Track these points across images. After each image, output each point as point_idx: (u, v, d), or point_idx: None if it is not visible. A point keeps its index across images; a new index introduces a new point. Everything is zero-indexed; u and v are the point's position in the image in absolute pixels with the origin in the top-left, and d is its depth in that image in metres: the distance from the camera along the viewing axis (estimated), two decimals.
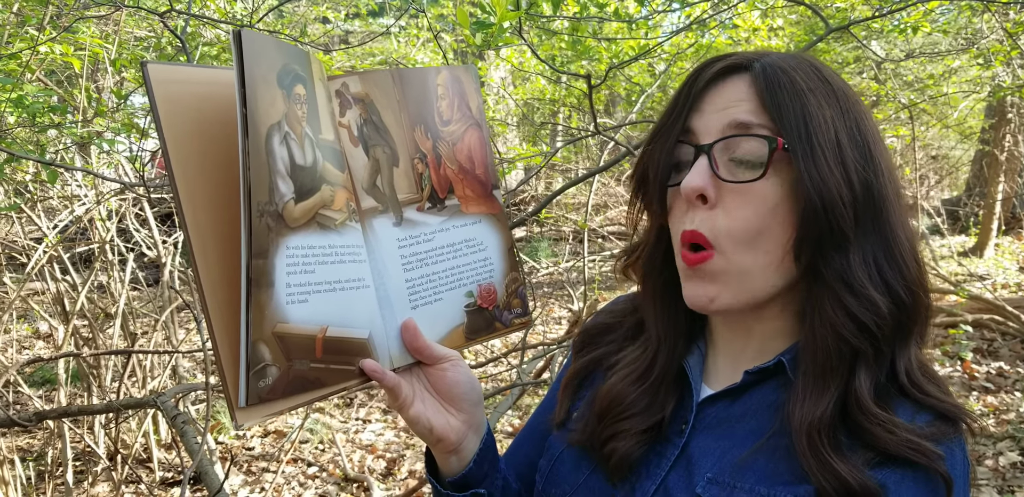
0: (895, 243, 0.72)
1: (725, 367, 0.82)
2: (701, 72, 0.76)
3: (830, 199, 0.69)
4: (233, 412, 0.67)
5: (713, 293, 0.74)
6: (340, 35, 8.05)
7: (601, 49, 4.05)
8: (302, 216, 0.71)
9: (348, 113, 0.81)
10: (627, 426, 0.80)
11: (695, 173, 0.72)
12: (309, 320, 0.70)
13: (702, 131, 0.74)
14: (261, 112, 0.67)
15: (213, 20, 2.98)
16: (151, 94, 0.67)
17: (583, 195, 8.41)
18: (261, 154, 0.66)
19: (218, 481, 1.81)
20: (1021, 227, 8.78)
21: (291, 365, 0.69)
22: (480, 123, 0.90)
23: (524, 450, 0.97)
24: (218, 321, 0.67)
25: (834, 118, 0.72)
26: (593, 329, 0.96)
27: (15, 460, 3.32)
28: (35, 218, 3.47)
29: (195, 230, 0.68)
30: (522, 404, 4.45)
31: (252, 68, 0.66)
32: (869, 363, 0.71)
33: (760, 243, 0.72)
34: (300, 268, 0.70)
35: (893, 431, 0.68)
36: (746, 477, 0.72)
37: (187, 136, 0.69)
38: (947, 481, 0.68)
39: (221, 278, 0.68)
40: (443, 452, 0.83)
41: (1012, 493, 3.33)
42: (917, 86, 6.12)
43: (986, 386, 4.50)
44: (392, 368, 0.80)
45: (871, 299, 0.70)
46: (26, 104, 2.38)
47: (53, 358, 2.52)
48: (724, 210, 0.72)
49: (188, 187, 0.68)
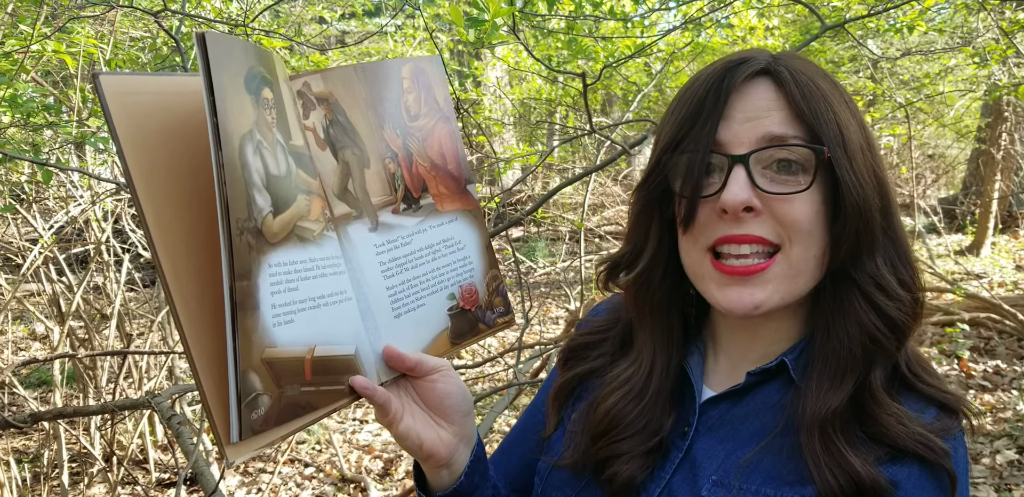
0: (902, 243, 0.75)
1: (726, 369, 0.82)
2: (725, 78, 0.72)
3: (867, 205, 0.71)
4: (223, 449, 0.61)
5: (761, 298, 0.72)
6: (336, 35, 8.04)
7: (597, 48, 4.05)
8: (281, 230, 0.65)
9: (312, 114, 0.75)
10: (626, 448, 0.78)
11: (737, 186, 0.70)
12: (296, 341, 0.66)
13: (733, 141, 0.72)
14: (232, 121, 0.61)
15: (208, 20, 2.97)
16: (105, 107, 0.61)
17: (580, 195, 8.40)
18: (236, 167, 0.60)
19: (214, 482, 1.80)
20: (1017, 225, 8.79)
21: (282, 392, 0.65)
22: (449, 116, 0.86)
23: (518, 451, 0.96)
24: (200, 353, 0.61)
25: (854, 123, 0.73)
26: (577, 346, 0.93)
27: (10, 462, 3.31)
28: (30, 219, 3.46)
29: (165, 255, 0.62)
30: (519, 404, 4.44)
31: (220, 74, 0.60)
32: (885, 359, 0.73)
33: (811, 245, 0.72)
34: (284, 286, 0.65)
35: (904, 423, 0.69)
36: (752, 479, 0.72)
37: (149, 150, 0.62)
38: (952, 478, 0.68)
39: (199, 308, 0.62)
40: (433, 467, 0.81)
41: (1009, 491, 3.33)
42: (913, 85, 6.13)
43: (983, 384, 4.50)
44: (380, 382, 0.76)
45: (902, 298, 0.72)
46: (20, 104, 2.37)
47: (49, 359, 2.51)
48: (773, 217, 0.71)
49: (154, 208, 0.62)
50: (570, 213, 8.53)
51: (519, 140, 8.32)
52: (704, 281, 0.75)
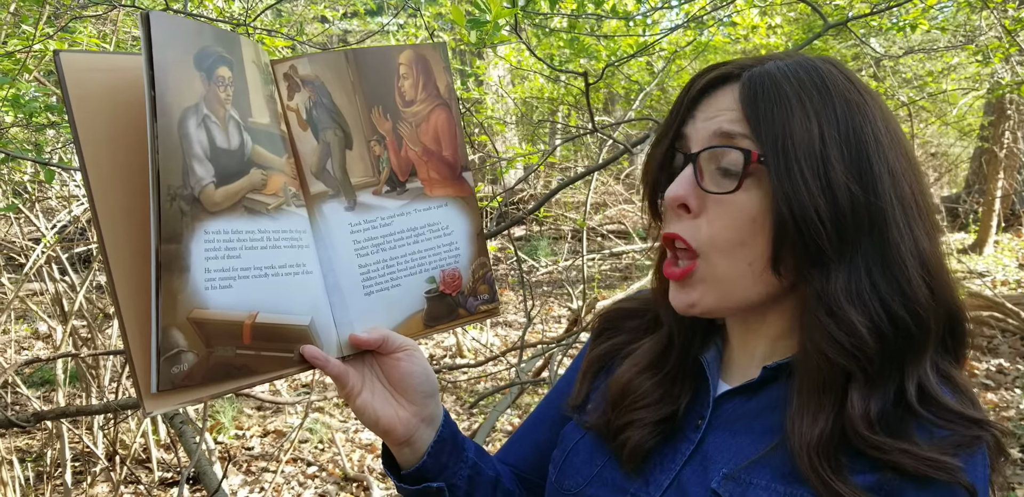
0: (894, 258, 0.68)
1: (742, 363, 0.82)
2: (696, 80, 0.76)
3: (803, 214, 0.66)
4: (142, 399, 0.65)
5: (694, 298, 0.74)
6: (338, 34, 8.04)
7: (599, 47, 4.04)
8: (225, 200, 0.69)
9: (296, 96, 0.79)
10: (640, 415, 0.80)
11: (678, 182, 0.73)
12: (234, 306, 0.69)
13: (693, 139, 0.74)
14: (174, 94, 0.65)
15: (210, 19, 2.97)
16: (62, 82, 0.66)
17: (582, 194, 8.40)
18: (173, 137, 0.65)
19: (216, 481, 1.81)
20: (1020, 224, 8.78)
21: (212, 351, 0.68)
22: (449, 103, 0.87)
23: (532, 436, 0.98)
24: (127, 307, 0.66)
25: (823, 128, 0.68)
26: (614, 313, 0.95)
27: (14, 461, 3.32)
28: (33, 218, 3.46)
29: (105, 215, 0.66)
30: (521, 403, 4.44)
31: (163, 50, 0.64)
32: (861, 385, 0.67)
33: (741, 254, 0.71)
34: (223, 253, 0.68)
35: (910, 451, 0.65)
36: (763, 474, 0.71)
37: (99, 121, 0.67)
38: (971, 492, 0.65)
39: (131, 263, 0.66)
40: (394, 444, 0.83)
41: (1012, 490, 3.32)
42: (916, 83, 6.11)
43: (986, 383, 4.49)
44: (341, 356, 0.79)
45: (847, 321, 0.67)
46: (23, 103, 2.37)
47: (51, 358, 2.52)
48: (707, 219, 0.72)
49: (98, 172, 0.67)
50: (572, 212, 8.53)
51: (521, 139, 8.31)
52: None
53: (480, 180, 7.20)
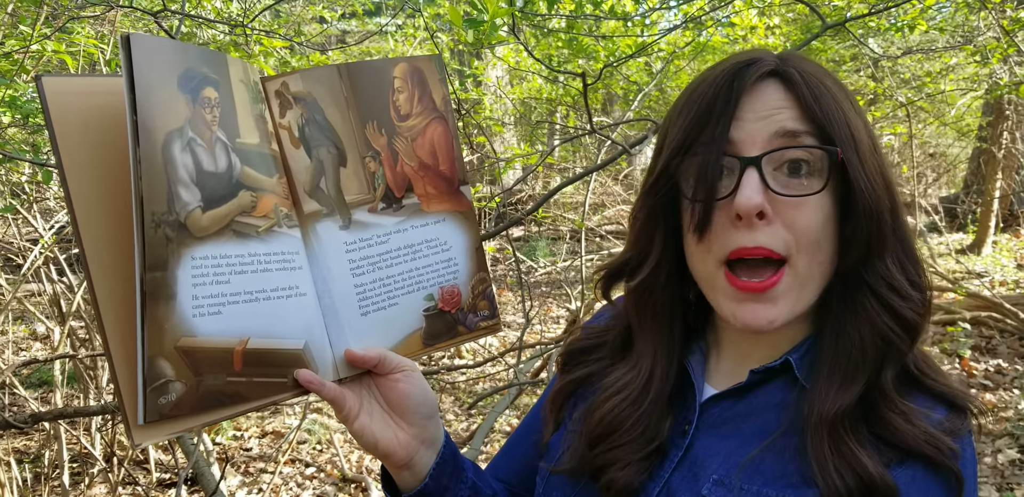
0: (910, 243, 0.74)
1: (729, 367, 0.81)
2: (735, 79, 0.70)
3: (878, 207, 0.70)
4: (130, 430, 0.64)
5: (774, 315, 0.71)
6: (337, 35, 8.04)
7: (598, 48, 4.04)
8: (212, 224, 0.67)
9: (288, 113, 0.77)
10: (622, 454, 0.76)
11: (750, 189, 0.67)
12: (223, 332, 0.67)
13: (746, 140, 0.69)
14: (157, 118, 0.64)
15: (208, 20, 2.97)
16: (45, 107, 0.64)
17: (580, 194, 8.40)
18: (157, 162, 0.63)
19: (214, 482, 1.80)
20: (1019, 224, 8.78)
21: (201, 380, 0.66)
22: (446, 116, 0.85)
23: (520, 451, 0.96)
24: (114, 337, 0.64)
25: (861, 124, 0.72)
26: (576, 350, 0.92)
27: (11, 462, 3.31)
28: (31, 219, 3.46)
29: (90, 242, 0.65)
30: (520, 404, 4.44)
31: (145, 73, 0.63)
32: (898, 357, 0.72)
33: (817, 256, 0.71)
34: (211, 279, 0.67)
35: (913, 421, 0.68)
36: (753, 479, 0.70)
37: (82, 147, 0.66)
38: (959, 480, 0.67)
39: (117, 293, 0.65)
40: (394, 467, 0.81)
41: (1011, 490, 3.32)
42: (914, 84, 6.11)
43: (984, 384, 4.49)
44: (337, 378, 0.77)
45: (913, 298, 0.71)
46: (20, 104, 2.37)
47: (49, 359, 2.51)
48: (783, 224, 0.69)
49: (83, 198, 0.65)
50: (571, 212, 8.53)
51: (520, 140, 8.31)
52: (717, 294, 0.73)
53: (479, 180, 7.20)
